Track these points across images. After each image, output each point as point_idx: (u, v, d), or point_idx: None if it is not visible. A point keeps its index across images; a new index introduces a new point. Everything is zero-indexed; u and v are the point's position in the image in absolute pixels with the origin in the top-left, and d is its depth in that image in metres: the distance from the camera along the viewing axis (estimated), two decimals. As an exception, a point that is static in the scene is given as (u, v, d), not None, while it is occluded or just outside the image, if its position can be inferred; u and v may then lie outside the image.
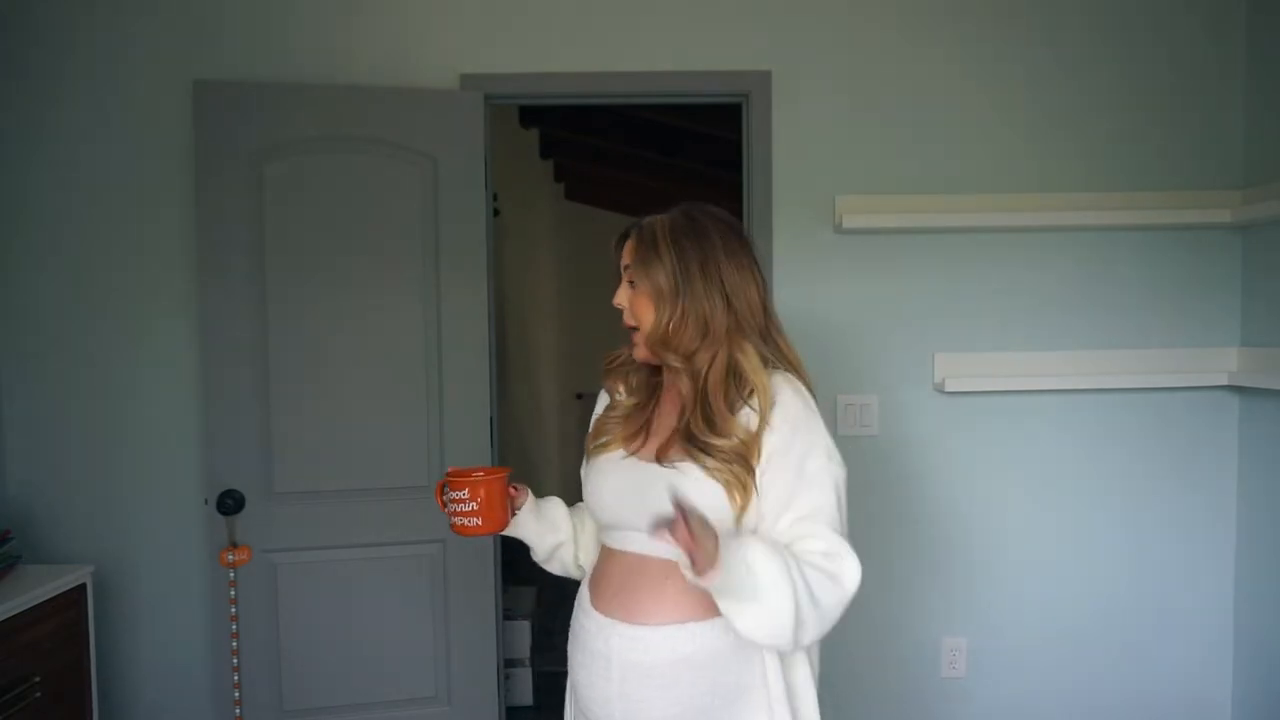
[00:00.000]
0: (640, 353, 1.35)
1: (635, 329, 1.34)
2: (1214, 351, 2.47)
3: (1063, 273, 2.46)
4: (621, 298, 1.34)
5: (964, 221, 2.38)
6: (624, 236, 1.37)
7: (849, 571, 1.21)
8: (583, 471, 1.49)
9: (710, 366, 1.28)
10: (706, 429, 1.25)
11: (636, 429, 1.37)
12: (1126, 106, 2.45)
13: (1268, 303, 2.37)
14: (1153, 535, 2.50)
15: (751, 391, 1.27)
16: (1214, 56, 2.45)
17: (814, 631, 1.18)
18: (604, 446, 1.38)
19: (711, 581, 1.08)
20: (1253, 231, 2.42)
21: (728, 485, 1.22)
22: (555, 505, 1.48)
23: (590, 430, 1.45)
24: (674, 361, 1.30)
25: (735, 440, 1.24)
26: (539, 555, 1.47)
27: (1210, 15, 2.45)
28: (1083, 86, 2.45)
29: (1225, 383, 2.40)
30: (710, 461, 1.23)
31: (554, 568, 1.50)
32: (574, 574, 1.50)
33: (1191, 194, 2.44)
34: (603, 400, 1.48)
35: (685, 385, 1.31)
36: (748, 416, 1.26)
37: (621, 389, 1.43)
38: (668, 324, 1.28)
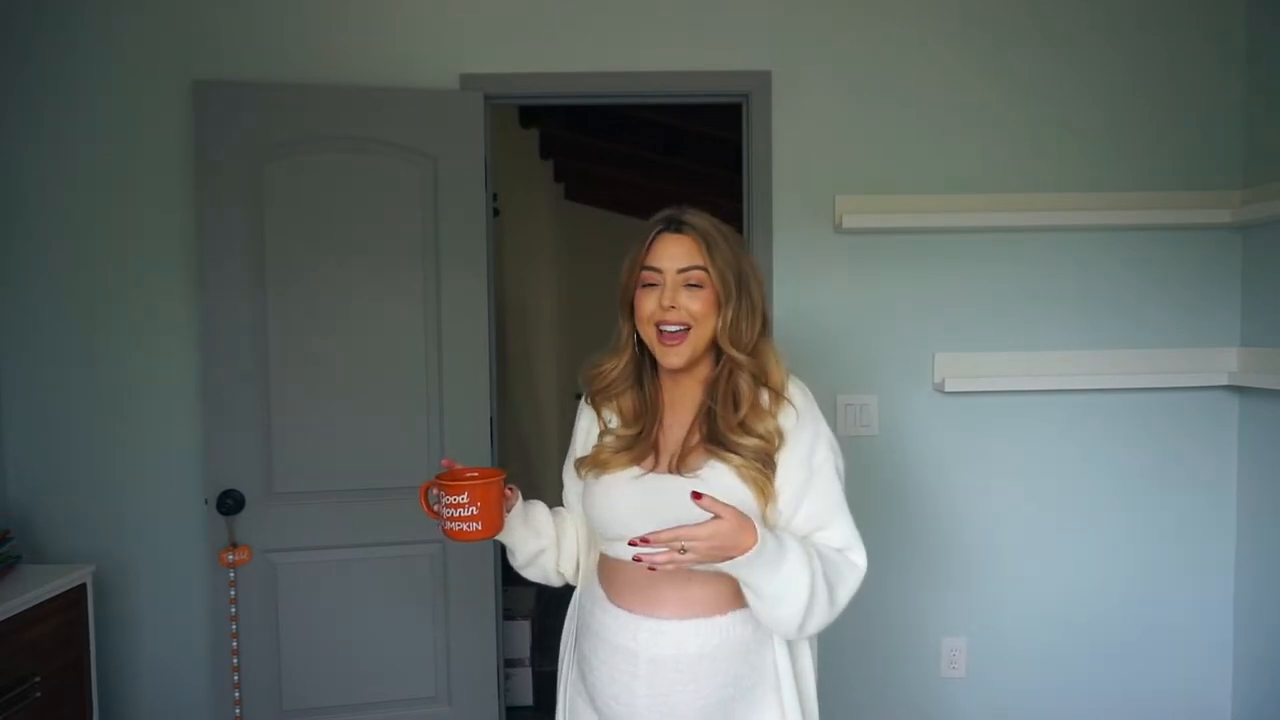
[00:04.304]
0: (681, 357, 1.32)
1: (684, 330, 1.31)
2: (1214, 351, 2.47)
3: (1063, 273, 2.46)
4: (680, 298, 1.30)
5: (964, 221, 2.38)
6: (655, 235, 1.33)
7: (859, 562, 1.28)
8: (568, 481, 1.48)
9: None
10: (739, 428, 1.28)
11: (644, 452, 1.35)
12: (1127, 106, 2.45)
13: (1268, 303, 2.37)
14: (1152, 535, 2.50)
15: (770, 385, 1.32)
16: (1214, 56, 2.45)
17: (822, 618, 1.23)
18: (607, 467, 1.35)
19: (741, 560, 1.14)
20: (1253, 231, 2.42)
21: (755, 483, 1.26)
22: (540, 510, 1.46)
23: (585, 455, 1.41)
24: (739, 354, 1.31)
25: (758, 439, 1.28)
26: (519, 560, 1.45)
27: (1210, 15, 2.45)
28: (1083, 86, 2.45)
29: (1225, 383, 2.40)
30: (737, 459, 1.26)
31: (532, 574, 1.48)
32: (552, 581, 1.49)
33: (1191, 194, 2.44)
34: (587, 416, 1.45)
35: (745, 380, 1.31)
36: (773, 412, 1.31)
37: (612, 415, 1.41)
38: (734, 318, 1.30)
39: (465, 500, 1.27)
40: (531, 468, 4.88)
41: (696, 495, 1.12)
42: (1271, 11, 2.36)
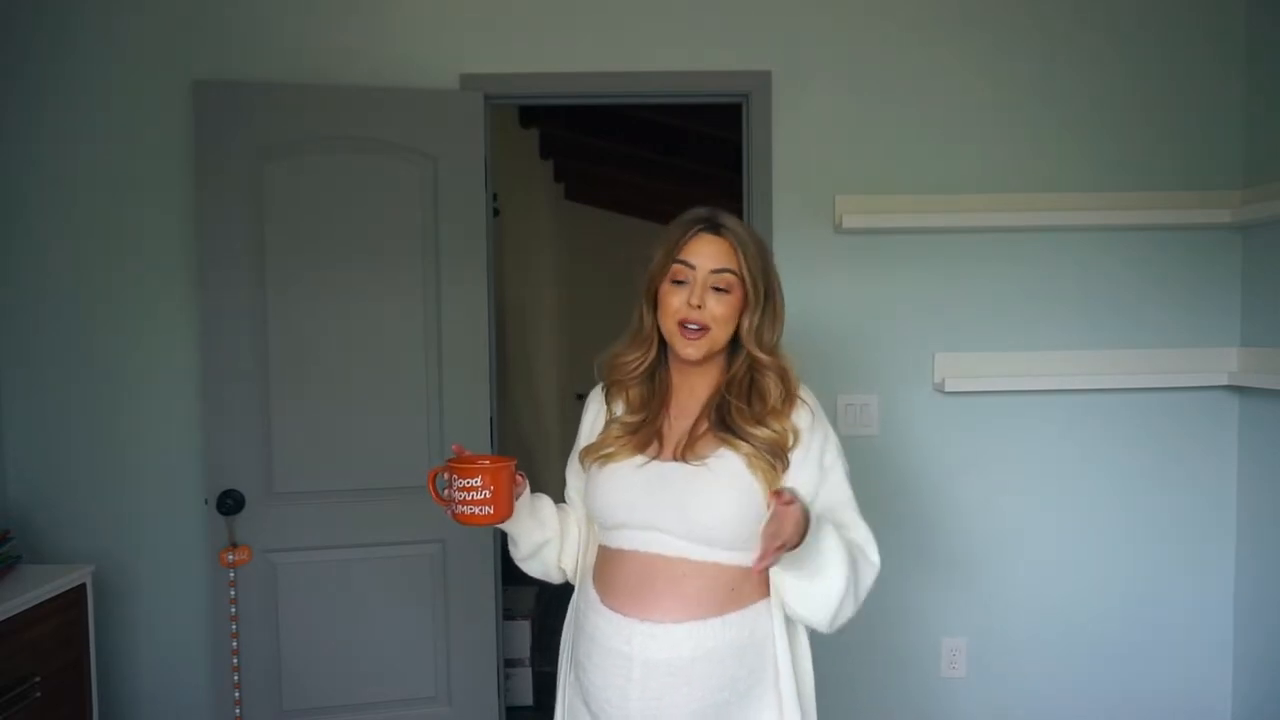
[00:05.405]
0: (700, 350, 1.33)
1: (703, 330, 1.32)
2: (1214, 351, 2.47)
3: (1063, 273, 2.46)
4: (707, 300, 1.31)
5: (964, 221, 2.38)
6: (693, 233, 1.34)
7: (875, 559, 1.32)
8: (571, 478, 1.49)
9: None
10: (753, 420, 1.31)
11: (648, 439, 1.37)
12: (1127, 106, 2.45)
13: (1268, 303, 2.37)
14: (1152, 535, 2.50)
15: (786, 387, 1.35)
16: (1214, 56, 2.45)
17: (848, 613, 1.28)
18: (612, 456, 1.36)
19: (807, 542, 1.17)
20: (1253, 231, 2.42)
21: (764, 473, 1.28)
22: (545, 502, 1.47)
23: (591, 442, 1.42)
24: (765, 355, 1.34)
25: (772, 434, 1.30)
26: (522, 552, 1.45)
27: (1210, 15, 2.45)
28: (1082, 86, 2.45)
29: (1225, 383, 2.40)
30: (747, 448, 1.28)
31: (533, 567, 1.48)
32: (553, 576, 1.50)
33: (1191, 194, 2.44)
34: (594, 410, 1.47)
35: (773, 380, 1.34)
36: (787, 411, 1.34)
37: (620, 405, 1.43)
38: (759, 322, 1.34)
39: (479, 484, 1.27)
40: (532, 468, 4.87)
41: (776, 494, 1.14)
42: (1271, 11, 2.36)
